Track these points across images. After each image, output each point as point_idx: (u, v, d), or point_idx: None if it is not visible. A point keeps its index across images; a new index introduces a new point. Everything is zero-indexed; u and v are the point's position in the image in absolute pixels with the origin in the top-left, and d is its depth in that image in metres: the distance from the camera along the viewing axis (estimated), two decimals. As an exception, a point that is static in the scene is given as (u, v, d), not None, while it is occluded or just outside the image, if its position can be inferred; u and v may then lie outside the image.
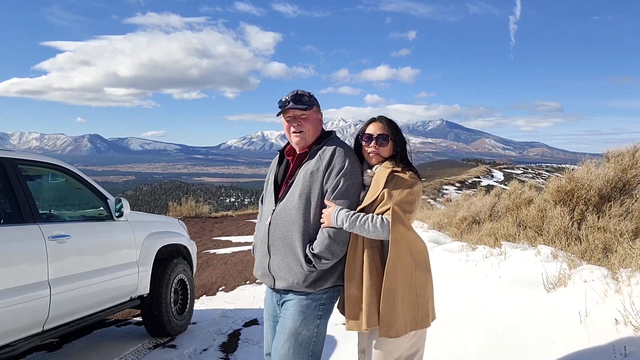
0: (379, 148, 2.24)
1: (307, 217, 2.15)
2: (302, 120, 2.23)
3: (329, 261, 2.10)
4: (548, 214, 5.21)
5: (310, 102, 2.25)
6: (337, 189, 2.13)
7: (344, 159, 2.16)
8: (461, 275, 4.82)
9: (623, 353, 2.51)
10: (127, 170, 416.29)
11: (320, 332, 2.18)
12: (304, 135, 2.24)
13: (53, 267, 3.18)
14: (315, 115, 2.27)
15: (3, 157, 3.19)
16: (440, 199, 28.75)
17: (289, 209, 2.18)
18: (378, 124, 2.28)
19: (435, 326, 3.80)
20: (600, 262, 3.84)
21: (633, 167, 5.11)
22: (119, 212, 3.96)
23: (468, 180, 48.16)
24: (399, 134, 2.28)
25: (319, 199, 2.16)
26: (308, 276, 2.12)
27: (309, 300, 2.15)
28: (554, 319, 3.19)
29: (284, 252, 2.17)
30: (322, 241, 2.10)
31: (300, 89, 2.27)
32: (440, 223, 9.14)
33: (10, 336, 2.95)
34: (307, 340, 2.13)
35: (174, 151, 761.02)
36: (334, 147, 2.21)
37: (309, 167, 2.20)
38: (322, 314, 2.19)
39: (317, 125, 2.28)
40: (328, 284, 2.17)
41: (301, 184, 2.18)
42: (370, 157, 2.26)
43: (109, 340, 4.51)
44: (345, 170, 2.14)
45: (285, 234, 2.17)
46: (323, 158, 2.19)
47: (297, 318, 2.13)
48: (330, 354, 3.72)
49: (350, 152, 2.24)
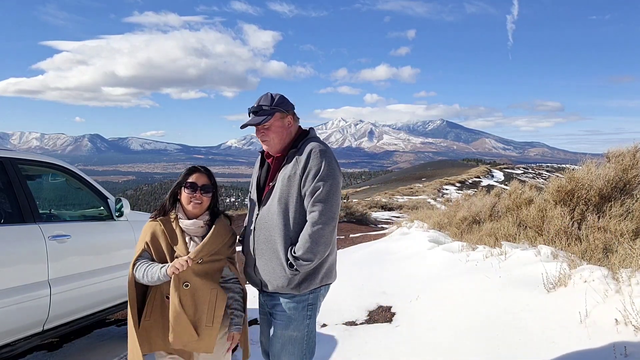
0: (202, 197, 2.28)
1: (287, 221, 2.16)
2: (265, 130, 2.23)
3: (311, 262, 2.11)
4: (548, 214, 5.20)
5: (271, 111, 2.20)
6: (316, 193, 2.10)
7: (320, 161, 2.13)
8: (461, 275, 4.81)
9: (623, 353, 2.51)
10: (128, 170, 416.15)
11: (311, 330, 2.25)
12: (270, 143, 2.25)
13: (53, 267, 3.18)
14: (278, 122, 2.23)
15: (3, 156, 3.19)
16: (441, 199, 28.76)
17: (270, 214, 2.20)
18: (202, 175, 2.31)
19: (435, 326, 3.81)
20: (600, 262, 3.83)
21: (634, 167, 5.11)
22: (119, 212, 3.96)
23: (468, 180, 48.16)
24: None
25: (297, 203, 2.16)
26: (292, 279, 2.15)
27: (296, 302, 2.20)
28: (555, 319, 3.18)
29: (269, 256, 2.20)
30: (303, 244, 2.09)
31: (265, 96, 2.25)
32: (440, 223, 9.13)
33: (10, 336, 2.95)
34: (299, 341, 2.21)
35: (174, 151, 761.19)
36: (310, 149, 2.17)
37: (286, 171, 2.20)
38: (311, 313, 2.24)
39: (281, 132, 2.24)
40: (313, 286, 2.20)
41: (280, 189, 2.19)
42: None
43: (109, 340, 4.51)
44: (322, 173, 2.11)
45: (268, 238, 2.20)
46: (299, 162, 2.17)
47: (288, 323, 2.20)
48: (330, 353, 3.72)
49: (325, 152, 2.18)
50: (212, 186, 2.33)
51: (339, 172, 2.20)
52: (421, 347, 3.50)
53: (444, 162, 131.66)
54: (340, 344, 3.89)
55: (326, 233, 2.10)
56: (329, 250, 2.17)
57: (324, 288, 2.28)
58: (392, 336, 3.90)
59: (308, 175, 2.13)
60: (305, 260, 2.09)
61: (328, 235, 2.11)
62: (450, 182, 44.77)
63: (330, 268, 2.28)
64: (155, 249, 2.23)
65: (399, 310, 4.51)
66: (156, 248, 2.23)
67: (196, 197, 2.26)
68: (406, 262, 6.32)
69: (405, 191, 37.62)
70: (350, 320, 4.53)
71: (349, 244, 10.33)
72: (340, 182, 2.19)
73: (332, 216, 2.11)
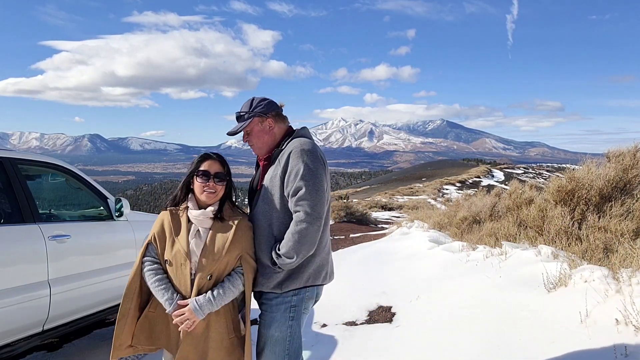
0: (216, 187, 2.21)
1: (270, 221, 2.18)
2: (247, 136, 2.30)
3: (293, 260, 2.10)
4: (549, 213, 5.20)
5: (249, 116, 2.26)
6: (298, 193, 2.10)
7: (300, 161, 2.12)
8: (462, 275, 4.81)
9: (624, 353, 2.50)
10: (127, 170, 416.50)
11: (294, 332, 2.23)
12: (254, 147, 2.32)
13: (53, 267, 3.18)
14: (257, 127, 2.28)
15: (3, 157, 3.19)
16: (441, 198, 28.76)
17: (257, 215, 2.24)
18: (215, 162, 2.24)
19: (435, 326, 3.81)
20: (601, 262, 3.83)
21: (634, 167, 5.11)
22: (119, 212, 3.96)
23: (468, 180, 48.17)
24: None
25: (280, 204, 2.17)
26: (274, 277, 2.16)
27: (277, 302, 2.20)
28: (555, 318, 3.18)
29: (256, 255, 2.23)
30: (287, 242, 2.09)
31: (246, 102, 2.31)
32: (440, 223, 9.13)
33: (10, 336, 2.95)
34: (281, 342, 2.21)
35: (174, 151, 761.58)
36: (291, 149, 2.18)
37: (270, 172, 2.23)
38: (294, 315, 2.22)
39: (262, 136, 2.29)
40: (295, 285, 2.18)
41: (264, 190, 2.23)
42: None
43: (109, 340, 4.49)
44: (303, 172, 2.10)
45: (255, 238, 2.24)
46: (281, 162, 2.19)
47: (270, 323, 2.22)
48: (330, 353, 3.72)
49: (306, 151, 2.15)
50: (226, 174, 2.24)
51: (322, 169, 2.16)
52: (421, 347, 3.50)
53: (444, 162, 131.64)
54: (340, 344, 3.89)
55: (310, 232, 2.07)
56: (313, 250, 2.14)
57: (311, 290, 2.24)
58: (393, 336, 3.90)
59: (290, 176, 2.13)
60: (287, 257, 2.09)
61: (313, 234, 2.08)
62: (450, 182, 44.77)
63: (319, 269, 2.24)
64: (161, 241, 2.20)
65: (399, 310, 4.51)
66: (161, 240, 2.20)
67: (209, 186, 2.18)
68: (406, 262, 6.32)
69: (406, 191, 37.63)
70: (350, 320, 4.53)
71: (349, 244, 10.32)
72: (323, 180, 2.15)
73: (316, 215, 2.08)
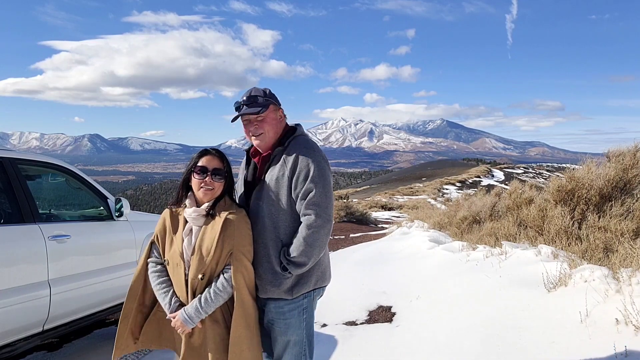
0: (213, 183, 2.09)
1: (277, 224, 2.10)
2: (259, 123, 2.14)
3: (305, 265, 2.05)
4: (549, 213, 5.20)
5: (266, 102, 2.14)
6: (309, 196, 2.03)
7: (308, 162, 2.06)
8: (462, 275, 4.81)
9: (624, 353, 2.50)
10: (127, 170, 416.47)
11: (310, 332, 2.23)
12: (264, 137, 2.16)
13: (53, 267, 3.18)
14: (272, 114, 2.17)
15: (3, 157, 3.19)
16: (441, 198, 28.75)
17: (260, 217, 2.12)
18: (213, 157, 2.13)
19: (435, 326, 3.81)
20: (601, 262, 3.83)
21: (634, 167, 5.10)
22: (119, 211, 3.96)
23: (468, 180, 48.16)
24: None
25: (287, 205, 2.09)
26: (284, 283, 2.09)
27: (290, 308, 2.14)
28: (555, 318, 3.18)
29: (258, 260, 2.12)
30: (298, 246, 2.03)
31: (255, 88, 2.18)
32: (440, 223, 9.13)
33: (10, 336, 2.95)
34: (299, 344, 2.18)
35: (174, 151, 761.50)
36: (298, 149, 2.10)
37: (274, 172, 2.12)
38: (307, 317, 2.20)
39: (276, 125, 2.18)
40: (306, 289, 2.15)
41: (268, 191, 2.12)
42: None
43: (109, 340, 4.50)
44: (313, 174, 2.04)
45: (257, 241, 2.12)
46: (287, 162, 2.09)
47: (286, 330, 2.16)
48: (330, 354, 3.72)
49: (314, 152, 2.11)
50: (226, 171, 2.12)
51: (329, 171, 2.14)
52: (421, 346, 3.50)
53: (444, 161, 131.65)
54: (340, 344, 3.89)
55: (321, 236, 2.04)
56: (323, 251, 2.12)
57: (318, 291, 2.23)
58: (393, 336, 3.89)
59: (299, 178, 2.06)
60: (299, 263, 2.04)
61: (323, 238, 2.05)
62: (450, 182, 44.77)
63: (324, 270, 2.23)
64: (162, 240, 2.17)
65: (399, 310, 4.51)
66: (162, 239, 2.17)
67: (206, 183, 2.07)
68: (406, 262, 6.32)
69: (406, 191, 37.63)
70: (350, 320, 4.53)
71: (349, 243, 10.32)
72: (331, 182, 2.13)
73: (327, 219, 2.05)
